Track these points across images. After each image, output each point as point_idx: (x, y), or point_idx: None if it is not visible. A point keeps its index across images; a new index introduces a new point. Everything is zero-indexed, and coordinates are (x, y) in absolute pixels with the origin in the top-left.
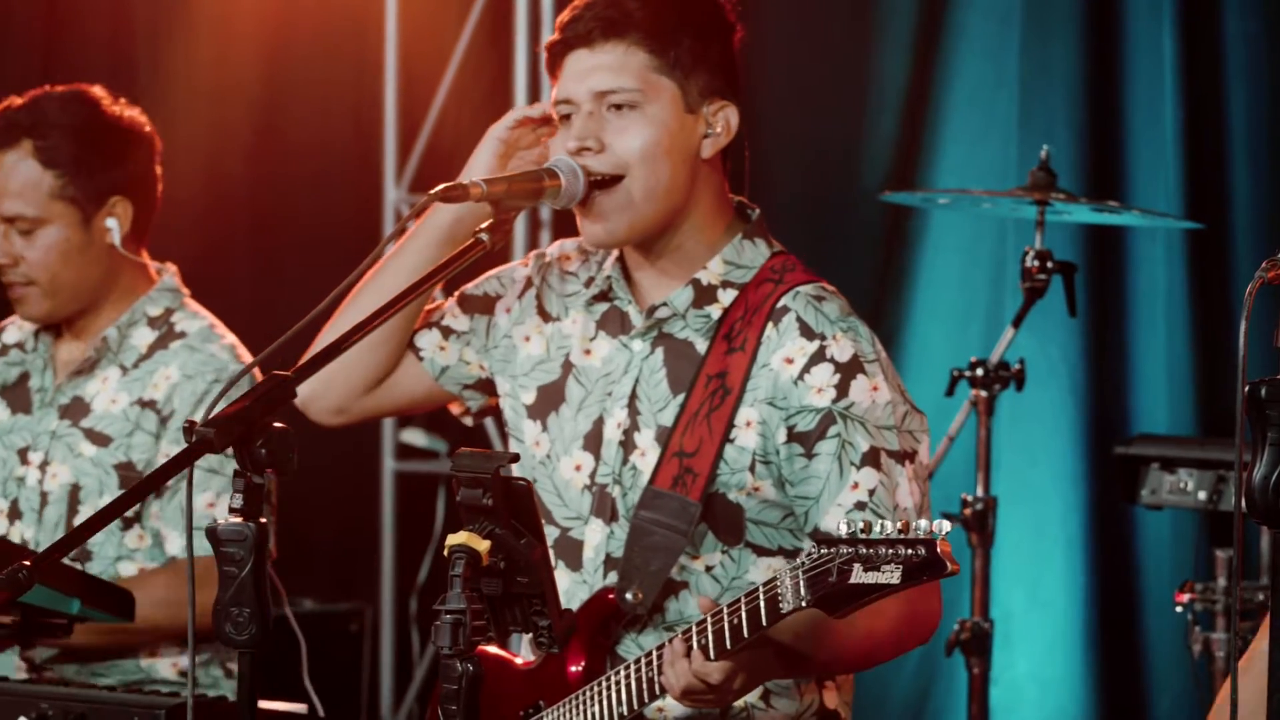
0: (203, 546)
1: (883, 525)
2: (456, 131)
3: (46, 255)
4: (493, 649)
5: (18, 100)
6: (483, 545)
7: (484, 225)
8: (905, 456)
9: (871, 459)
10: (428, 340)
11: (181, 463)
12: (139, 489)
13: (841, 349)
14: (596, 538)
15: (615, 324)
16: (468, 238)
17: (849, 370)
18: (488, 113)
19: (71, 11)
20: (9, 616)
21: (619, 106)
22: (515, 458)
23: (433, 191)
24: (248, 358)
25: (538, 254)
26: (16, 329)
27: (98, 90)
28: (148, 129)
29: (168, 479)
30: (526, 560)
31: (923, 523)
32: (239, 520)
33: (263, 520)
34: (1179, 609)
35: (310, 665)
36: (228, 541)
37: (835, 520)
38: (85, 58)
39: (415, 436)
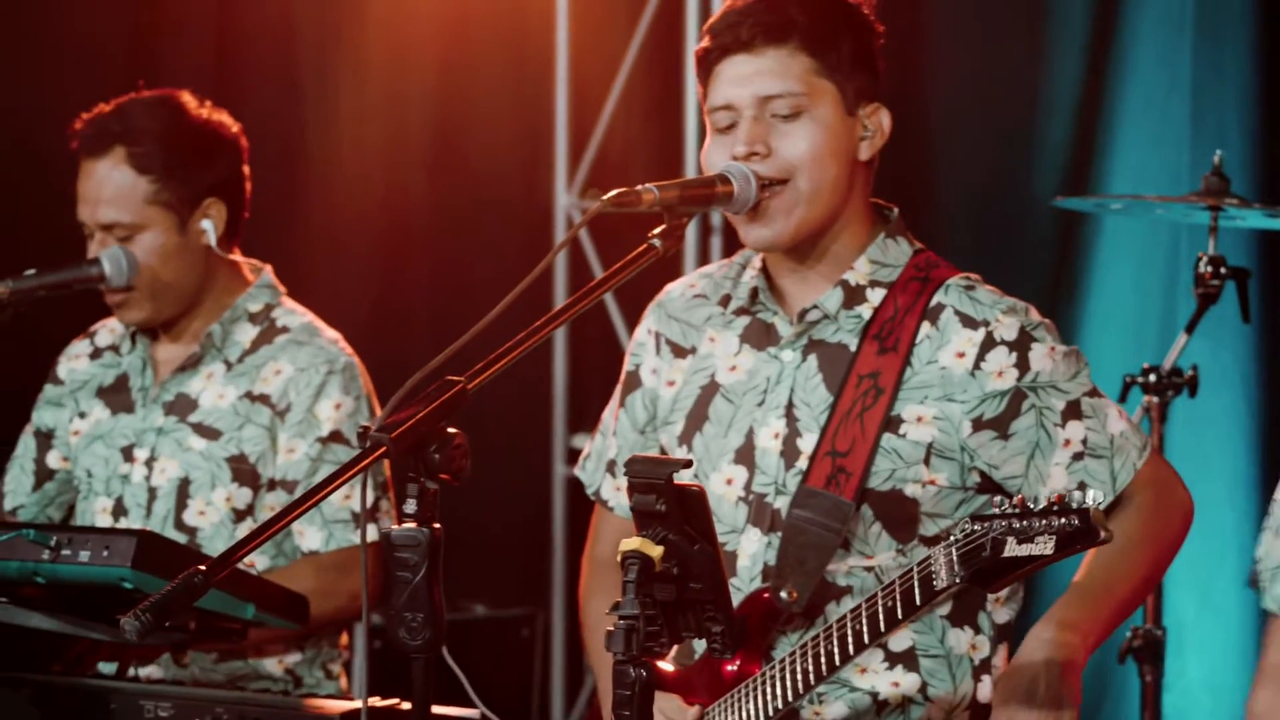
0: (343, 539)
1: (1035, 499)
2: (627, 137)
3: (146, 260)
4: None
5: (105, 107)
6: (656, 551)
7: (656, 231)
8: (1094, 391)
9: (1072, 412)
10: (609, 491)
11: (356, 466)
12: (314, 493)
13: (1007, 329)
14: (753, 547)
15: (760, 337)
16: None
17: (1022, 345)
18: (658, 119)
19: (241, 21)
20: (186, 621)
21: (784, 110)
22: (689, 463)
23: (605, 198)
24: (351, 351)
25: (653, 306)
26: (108, 332)
27: (184, 94)
28: (235, 130)
29: (343, 481)
30: (700, 565)
31: (1076, 493)
32: (413, 526)
33: (436, 526)
34: None
35: (482, 671)
36: (402, 547)
37: (1060, 481)
38: (254, 66)
39: (587, 442)
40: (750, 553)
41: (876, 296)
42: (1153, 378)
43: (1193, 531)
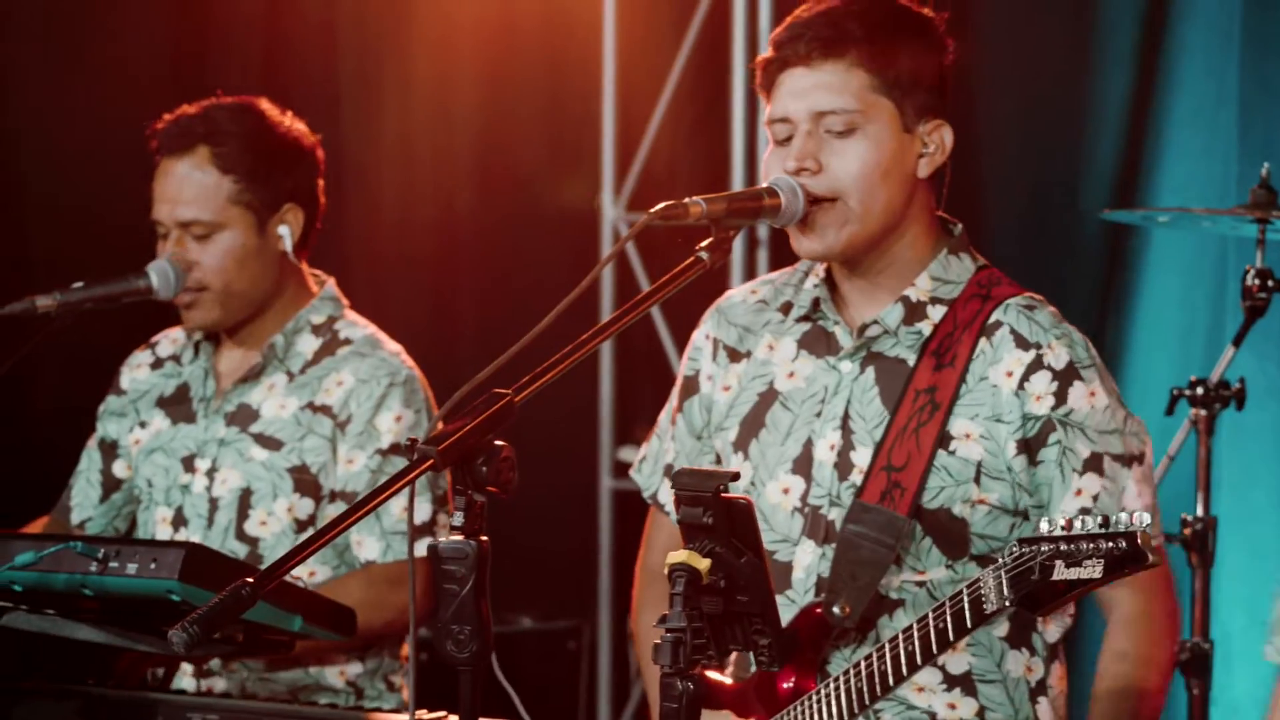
0: (400, 552)
1: (1085, 521)
2: (673, 151)
3: (222, 260)
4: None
5: (189, 109)
6: (703, 564)
7: (704, 244)
8: (1131, 459)
9: (1093, 464)
10: (666, 495)
11: (404, 478)
12: (361, 505)
13: (1057, 356)
14: (808, 559)
15: (820, 344)
16: None
17: (1066, 377)
18: (705, 132)
19: (287, 37)
20: (235, 632)
21: (838, 126)
22: (736, 475)
23: (652, 211)
24: (412, 364)
25: (711, 311)
26: (170, 342)
27: (264, 101)
28: (313, 140)
29: (390, 494)
30: (747, 578)
31: (1123, 515)
32: (460, 538)
33: (484, 538)
34: None
35: (529, 683)
36: (450, 559)
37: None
38: (300, 80)
39: (633, 454)
40: (805, 565)
41: (937, 313)
42: (1200, 390)
43: (1240, 545)
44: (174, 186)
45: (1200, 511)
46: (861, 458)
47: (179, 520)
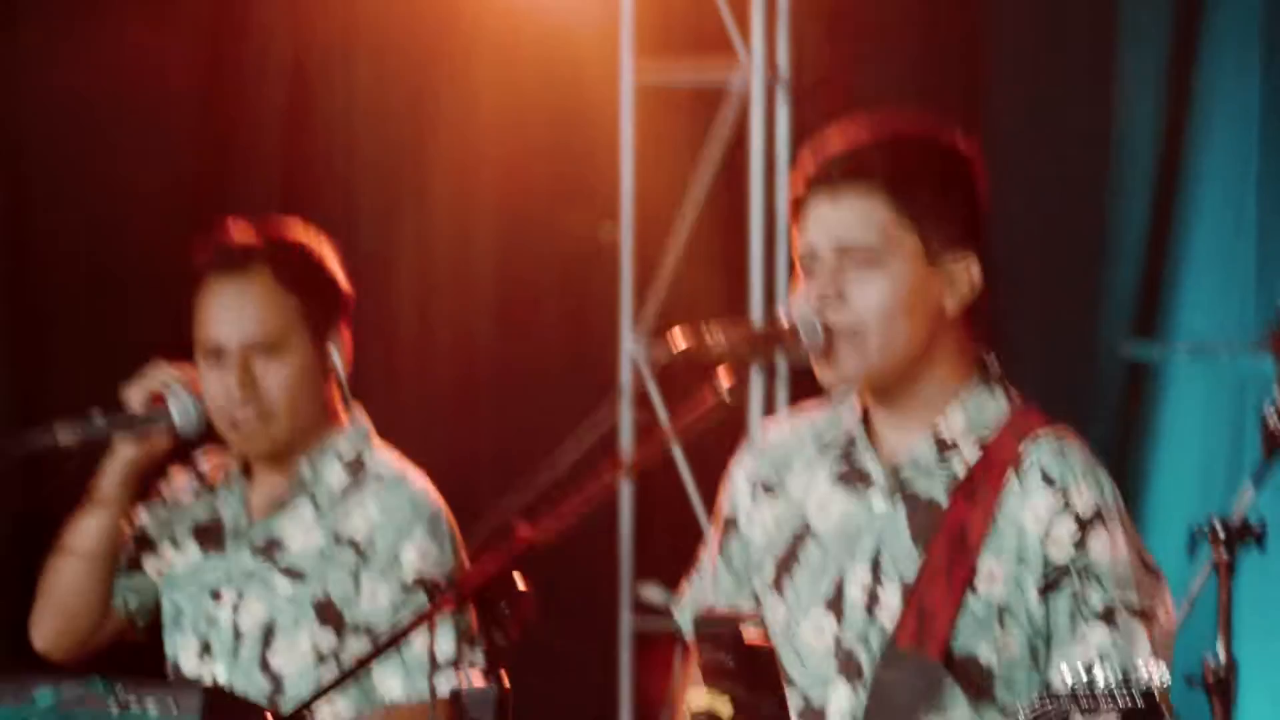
0: (421, 692)
1: (1106, 676)
2: (693, 280)
3: (289, 380)
4: None
5: (235, 226)
6: (726, 709)
7: (723, 380)
8: (1145, 615)
9: (1106, 617)
10: None
11: (425, 617)
12: (388, 643)
13: (1084, 502)
14: (844, 701)
15: (853, 480)
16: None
17: (1089, 524)
18: (724, 260)
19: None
20: None
21: (860, 260)
22: (758, 619)
23: (675, 352)
24: (438, 498)
25: (748, 447)
26: (209, 465)
27: (297, 221)
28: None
29: (411, 632)
30: None
31: (1143, 672)
32: (482, 684)
33: (505, 681)
34: None
35: None
36: (473, 705)
37: (1058, 680)
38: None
39: (654, 594)
40: (839, 708)
41: (969, 450)
42: (1221, 531)
43: (1264, 689)
44: (235, 306)
45: (1222, 655)
46: (890, 595)
47: (205, 651)
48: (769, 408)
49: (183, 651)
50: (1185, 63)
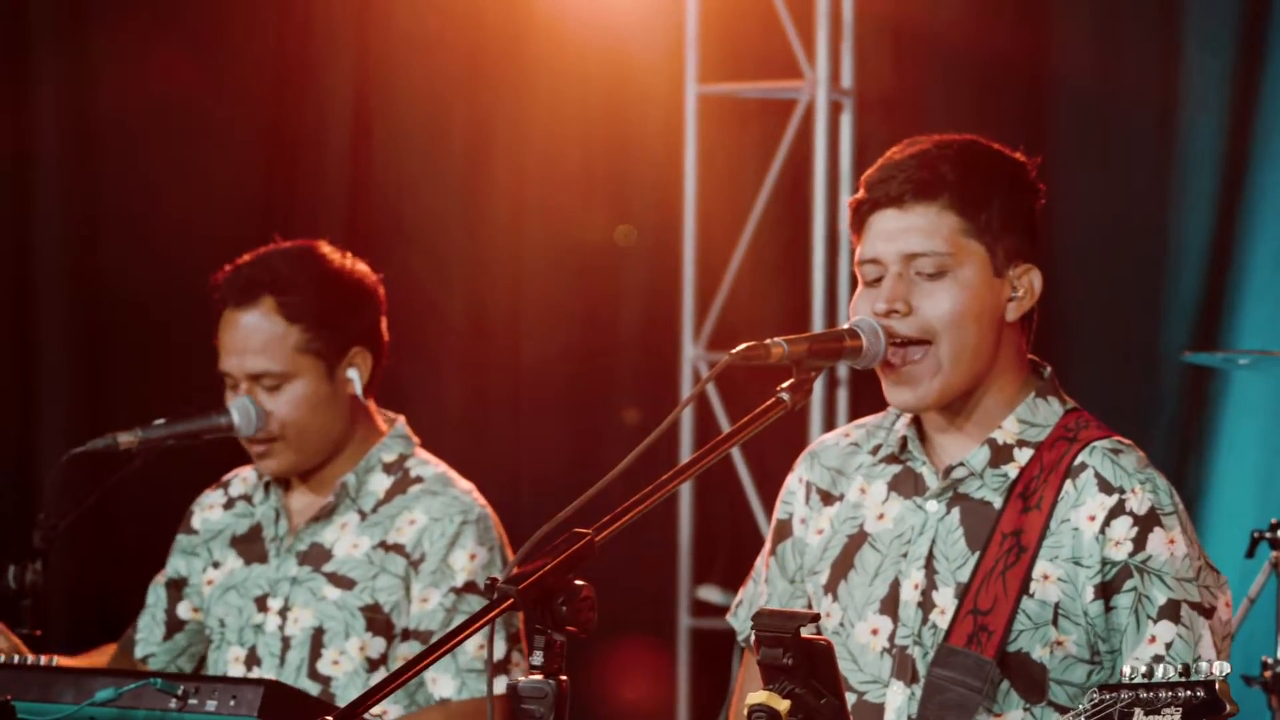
0: (475, 689)
1: (1165, 669)
2: (754, 290)
3: (295, 409)
4: None
5: (246, 259)
6: (783, 705)
7: (785, 385)
8: (1207, 611)
9: (1170, 612)
10: None
11: (483, 617)
12: (441, 644)
13: (1140, 502)
14: (898, 700)
15: (908, 485)
16: None
17: (1146, 523)
18: (785, 271)
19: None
20: None
21: (928, 269)
22: (816, 617)
23: (734, 351)
24: (484, 502)
25: (805, 454)
26: (241, 481)
27: (323, 244)
28: (374, 279)
29: (471, 633)
30: None
31: (1203, 664)
32: (540, 678)
33: (563, 678)
34: None
35: None
36: (529, 699)
37: (1124, 672)
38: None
39: (712, 594)
40: (895, 706)
41: (1024, 456)
42: None
43: None
44: (242, 338)
45: None
46: (944, 598)
47: (252, 659)
48: (830, 412)
49: (230, 665)
50: (1249, 78)
